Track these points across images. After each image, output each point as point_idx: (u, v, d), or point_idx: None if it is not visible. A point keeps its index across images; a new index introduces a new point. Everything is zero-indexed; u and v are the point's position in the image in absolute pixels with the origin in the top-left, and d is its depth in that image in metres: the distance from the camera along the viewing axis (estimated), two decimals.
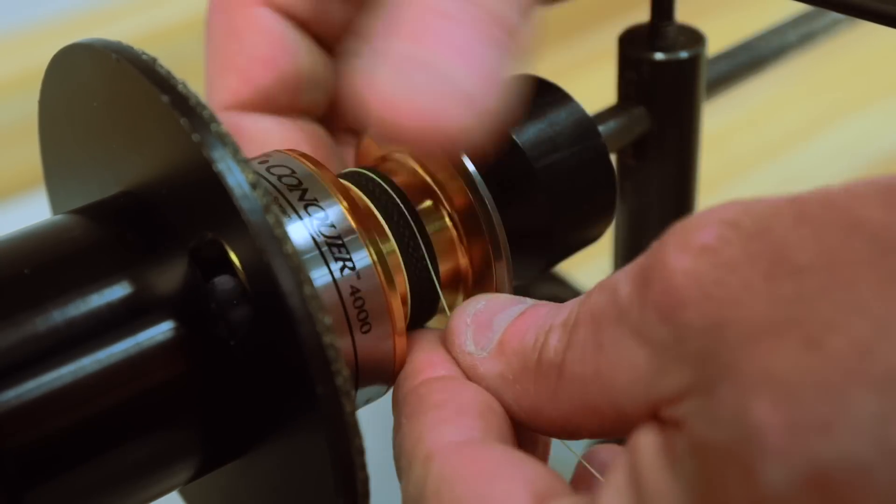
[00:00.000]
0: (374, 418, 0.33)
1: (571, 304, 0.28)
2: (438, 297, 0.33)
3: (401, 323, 0.31)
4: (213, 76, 0.37)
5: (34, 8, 0.73)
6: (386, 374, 0.31)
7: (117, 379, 0.26)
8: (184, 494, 0.33)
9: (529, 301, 0.30)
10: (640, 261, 0.25)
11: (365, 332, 0.30)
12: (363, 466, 0.26)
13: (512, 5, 0.28)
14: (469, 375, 0.30)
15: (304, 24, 0.37)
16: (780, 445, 0.21)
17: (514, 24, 0.28)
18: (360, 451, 0.26)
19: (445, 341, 0.31)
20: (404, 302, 0.32)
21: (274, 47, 0.36)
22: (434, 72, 0.27)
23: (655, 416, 0.24)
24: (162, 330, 0.27)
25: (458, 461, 0.26)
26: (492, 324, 0.30)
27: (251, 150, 0.35)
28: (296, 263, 0.25)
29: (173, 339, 0.27)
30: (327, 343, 0.25)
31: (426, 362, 0.30)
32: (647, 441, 0.24)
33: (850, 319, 0.21)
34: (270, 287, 0.25)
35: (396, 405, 0.30)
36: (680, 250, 0.24)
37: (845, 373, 0.21)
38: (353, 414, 0.25)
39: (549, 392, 0.27)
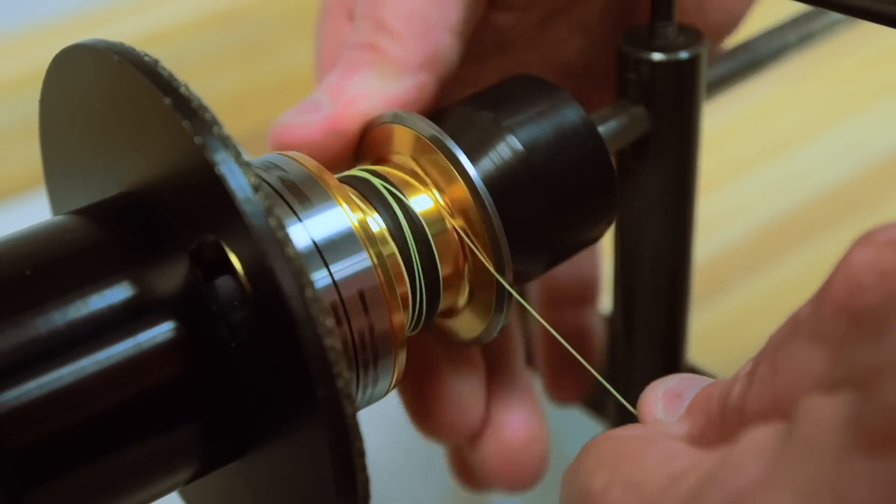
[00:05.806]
0: (374, 420, 0.33)
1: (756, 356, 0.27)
2: (439, 300, 0.33)
3: (401, 325, 0.31)
4: None
5: (34, 8, 0.73)
6: (386, 376, 0.31)
7: (118, 380, 0.26)
8: (184, 495, 0.33)
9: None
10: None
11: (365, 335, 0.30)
12: (364, 468, 0.26)
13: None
14: None
15: None
16: None
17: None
18: (361, 454, 0.26)
19: (638, 414, 0.31)
20: (405, 304, 0.32)
21: None
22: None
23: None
24: (162, 331, 0.27)
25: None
26: (682, 394, 0.30)
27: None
28: (298, 267, 0.25)
29: (174, 340, 0.27)
30: (328, 346, 0.25)
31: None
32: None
33: None
34: (272, 290, 0.25)
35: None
36: (863, 246, 0.23)
37: None
38: (353, 416, 0.25)
39: (732, 437, 0.26)
